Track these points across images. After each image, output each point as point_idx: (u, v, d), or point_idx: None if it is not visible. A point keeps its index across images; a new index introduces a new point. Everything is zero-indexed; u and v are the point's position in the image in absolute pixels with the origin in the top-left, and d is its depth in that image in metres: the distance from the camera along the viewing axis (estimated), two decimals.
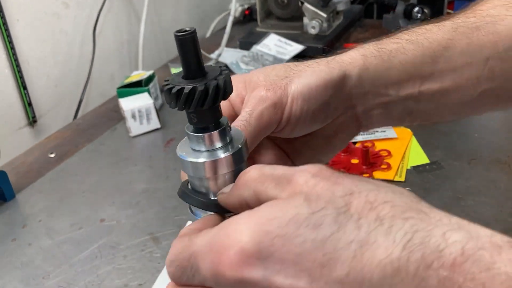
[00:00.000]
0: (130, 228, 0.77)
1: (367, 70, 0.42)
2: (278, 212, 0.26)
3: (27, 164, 0.99)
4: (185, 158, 0.36)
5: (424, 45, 0.43)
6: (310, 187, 0.27)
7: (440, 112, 0.46)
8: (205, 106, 0.33)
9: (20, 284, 0.68)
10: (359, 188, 0.27)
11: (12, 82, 1.11)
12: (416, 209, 0.26)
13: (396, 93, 0.43)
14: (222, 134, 0.35)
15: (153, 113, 1.05)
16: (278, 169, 0.30)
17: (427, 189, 0.78)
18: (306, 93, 0.40)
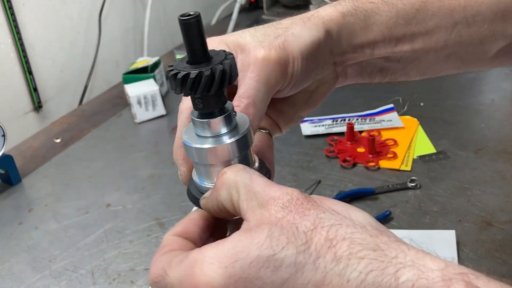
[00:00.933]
0: (136, 213, 0.77)
1: (346, 28, 0.42)
2: (242, 253, 0.28)
3: (33, 149, 0.99)
4: (190, 144, 0.35)
5: (398, 7, 0.43)
6: (277, 219, 0.29)
7: (407, 71, 0.47)
8: (211, 91, 0.33)
9: (27, 267, 0.69)
10: (322, 222, 0.28)
11: (17, 67, 1.11)
12: (373, 245, 0.27)
13: (371, 52, 0.44)
14: (227, 120, 0.35)
15: (158, 100, 1.04)
16: (255, 181, 0.31)
17: (433, 178, 0.78)
18: (304, 51, 0.40)
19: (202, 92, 0.33)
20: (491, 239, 0.65)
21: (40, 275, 0.67)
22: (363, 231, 0.28)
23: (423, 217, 0.70)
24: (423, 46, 0.44)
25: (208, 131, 0.35)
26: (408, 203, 0.73)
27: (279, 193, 0.30)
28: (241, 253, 0.28)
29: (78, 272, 0.67)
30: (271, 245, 0.28)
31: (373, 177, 0.80)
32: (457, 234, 0.66)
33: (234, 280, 0.28)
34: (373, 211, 0.72)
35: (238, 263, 0.28)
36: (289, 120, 0.46)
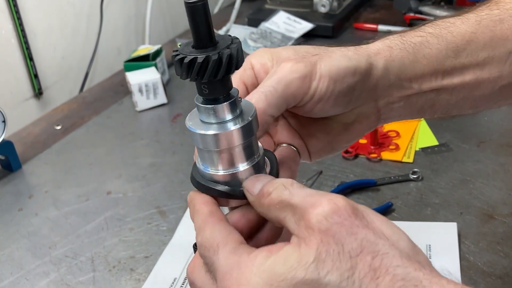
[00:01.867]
0: (137, 201, 0.77)
1: (393, 62, 0.42)
2: (288, 274, 0.28)
3: (34, 135, 0.98)
4: (195, 130, 0.35)
5: (448, 39, 0.43)
6: (322, 232, 0.28)
7: (460, 105, 0.45)
8: (219, 76, 0.32)
9: (27, 253, 0.69)
10: (369, 247, 0.28)
11: (18, 53, 1.10)
12: (415, 281, 0.27)
13: (419, 86, 0.43)
14: (232, 106, 0.34)
15: (160, 88, 1.04)
16: (296, 196, 0.31)
17: (435, 170, 0.77)
18: (334, 73, 0.40)
19: (209, 77, 0.32)
20: (492, 232, 0.65)
21: (40, 262, 0.67)
22: (408, 264, 0.28)
23: (425, 209, 0.70)
24: (475, 78, 0.43)
25: (213, 117, 0.34)
26: (410, 195, 0.73)
27: (319, 201, 0.30)
28: (288, 274, 0.28)
29: (78, 259, 0.67)
30: (316, 268, 0.28)
31: (375, 168, 0.79)
32: (459, 227, 0.65)
33: None
34: (375, 203, 0.72)
35: (283, 282, 0.28)
36: (321, 149, 0.45)
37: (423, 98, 0.44)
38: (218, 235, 0.33)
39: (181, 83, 1.17)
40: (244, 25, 1.35)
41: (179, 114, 1.02)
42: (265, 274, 0.29)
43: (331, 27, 1.28)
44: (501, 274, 0.59)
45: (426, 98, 0.44)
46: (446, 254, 0.61)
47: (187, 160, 0.87)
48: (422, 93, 0.44)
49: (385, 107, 0.44)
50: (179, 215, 0.73)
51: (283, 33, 1.27)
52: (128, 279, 0.63)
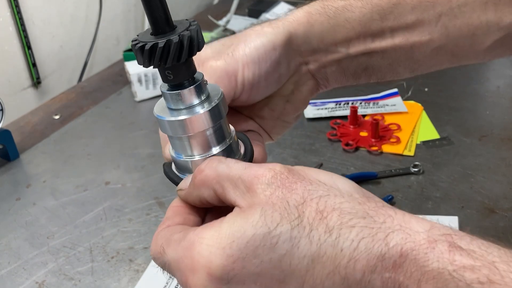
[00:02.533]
0: (136, 192, 0.77)
1: (312, 27, 0.42)
2: (238, 233, 0.28)
3: (32, 124, 0.98)
4: (163, 118, 0.34)
5: (373, 2, 0.42)
6: (267, 197, 0.29)
7: (395, 68, 0.45)
8: (182, 59, 0.32)
9: (25, 243, 0.68)
10: (310, 195, 0.29)
11: (16, 41, 1.09)
12: (362, 213, 0.28)
13: (346, 50, 0.43)
14: (198, 90, 0.34)
15: (159, 78, 1.03)
16: (234, 168, 0.31)
17: (436, 164, 0.77)
18: (255, 56, 0.40)
19: (172, 61, 0.31)
20: (493, 226, 0.65)
21: (37, 251, 0.67)
22: (351, 199, 0.29)
23: (426, 202, 0.70)
24: (405, 41, 0.43)
25: (181, 102, 0.34)
26: (411, 188, 0.72)
27: (261, 171, 0.30)
28: (237, 233, 0.28)
29: (76, 249, 0.66)
30: (265, 223, 0.28)
31: (376, 161, 0.79)
32: (460, 221, 0.65)
33: (233, 260, 0.28)
34: (375, 195, 0.71)
35: (235, 243, 0.28)
36: (274, 126, 0.45)
37: (355, 62, 0.44)
38: (160, 241, 0.33)
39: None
40: (245, 16, 1.34)
41: None
42: (214, 241, 0.29)
43: None
44: None
45: (358, 61, 0.44)
46: None
47: None
48: (353, 57, 0.43)
49: (318, 72, 0.44)
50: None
51: None
52: (127, 269, 0.63)
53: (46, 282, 0.62)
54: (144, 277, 0.61)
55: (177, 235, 0.32)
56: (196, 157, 0.35)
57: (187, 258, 0.30)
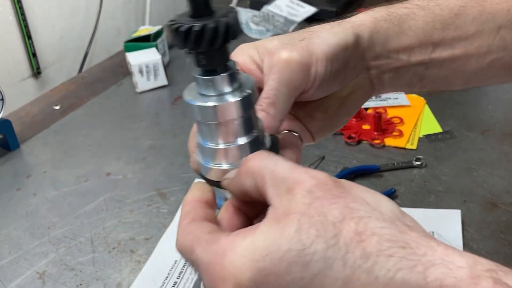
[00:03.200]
0: (137, 183, 0.76)
1: (378, 33, 0.42)
2: (272, 247, 0.27)
3: (32, 115, 0.97)
4: (194, 103, 0.34)
5: (435, 12, 0.42)
6: (305, 205, 0.28)
7: (450, 79, 0.45)
8: (216, 45, 0.31)
9: (26, 233, 0.68)
10: (351, 213, 0.27)
11: (16, 30, 1.08)
12: (403, 243, 0.26)
13: (408, 58, 0.43)
14: (231, 78, 0.34)
15: (160, 69, 1.02)
16: (280, 166, 0.31)
17: (439, 157, 0.77)
18: (329, 53, 0.40)
19: (206, 46, 0.31)
20: (496, 220, 0.64)
21: (38, 242, 0.66)
22: (392, 226, 0.27)
23: (428, 196, 0.69)
24: (464, 52, 0.43)
25: (212, 89, 0.34)
26: (413, 182, 0.72)
27: (305, 177, 0.29)
28: (272, 247, 0.27)
29: (77, 240, 0.66)
30: (300, 238, 0.27)
31: (378, 154, 0.79)
32: (462, 214, 0.65)
33: (265, 274, 0.27)
34: (378, 189, 0.71)
35: (268, 257, 0.27)
36: (322, 128, 0.45)
37: (412, 71, 0.44)
38: (189, 236, 0.32)
39: (182, 65, 1.15)
40: (247, 8, 1.33)
41: (180, 96, 1.01)
42: (248, 252, 0.28)
43: (334, 12, 1.26)
44: (504, 263, 0.58)
45: (415, 71, 0.44)
46: (450, 241, 0.61)
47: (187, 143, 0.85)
48: (411, 65, 0.43)
49: (377, 77, 0.44)
50: (180, 198, 0.72)
51: (285, 16, 1.25)
52: (128, 260, 0.62)
53: (47, 272, 0.61)
54: (146, 269, 0.60)
55: (208, 236, 0.31)
56: (221, 145, 0.35)
57: (218, 265, 0.29)
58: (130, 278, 0.60)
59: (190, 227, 0.33)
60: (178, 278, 0.59)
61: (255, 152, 0.34)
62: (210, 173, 0.37)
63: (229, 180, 0.34)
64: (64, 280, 0.60)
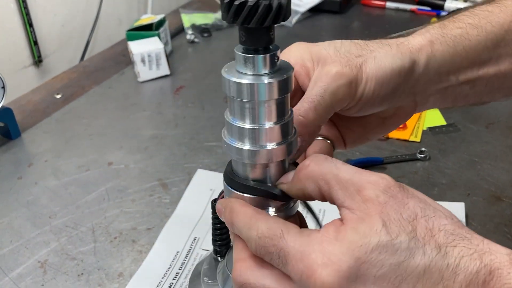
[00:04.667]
0: (139, 173, 0.76)
1: (435, 57, 0.42)
2: (364, 239, 0.31)
3: (33, 103, 0.96)
4: (229, 77, 0.34)
5: (487, 30, 0.43)
6: (381, 204, 0.31)
7: (493, 94, 0.46)
8: (266, 23, 0.32)
9: (27, 222, 0.67)
10: (421, 213, 0.32)
11: (17, 18, 1.07)
12: (461, 236, 0.31)
13: (456, 79, 0.44)
14: (271, 60, 0.34)
15: (163, 59, 1.01)
16: (342, 170, 0.33)
17: (443, 150, 0.76)
18: (381, 77, 0.40)
19: (256, 23, 0.31)
20: (500, 214, 0.64)
21: (39, 231, 0.66)
22: (452, 223, 0.32)
23: (432, 189, 0.69)
24: (510, 67, 0.43)
25: (250, 67, 0.34)
26: (417, 174, 0.72)
27: (374, 178, 0.32)
28: (364, 238, 0.31)
29: (78, 229, 0.66)
30: (387, 231, 0.31)
31: (382, 147, 0.78)
32: (466, 208, 0.64)
33: (360, 262, 0.30)
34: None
35: (363, 247, 0.30)
36: (356, 139, 0.47)
37: (459, 89, 0.45)
38: (276, 225, 0.34)
39: (184, 55, 1.14)
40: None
41: (182, 86, 1.00)
42: (344, 243, 0.31)
43: (338, 2, 1.25)
44: None
45: (462, 89, 0.45)
46: None
47: (190, 133, 0.85)
48: (458, 85, 0.44)
49: (422, 99, 0.45)
50: (182, 188, 0.72)
51: None
52: (130, 250, 0.62)
53: (49, 261, 0.61)
54: (148, 259, 0.60)
55: (296, 228, 0.33)
56: (248, 125, 0.35)
57: (316, 253, 0.31)
58: (132, 268, 0.59)
59: (273, 219, 0.34)
60: (180, 269, 0.59)
61: (313, 155, 0.35)
62: (233, 152, 0.36)
63: (289, 185, 0.36)
64: (65, 269, 0.60)
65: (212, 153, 0.79)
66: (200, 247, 0.61)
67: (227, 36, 1.22)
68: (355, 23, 1.29)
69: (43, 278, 0.59)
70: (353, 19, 1.31)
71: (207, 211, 0.67)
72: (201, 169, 0.75)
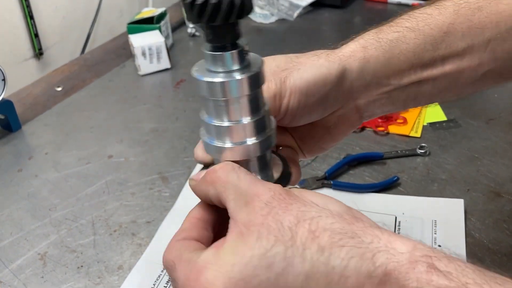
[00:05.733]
0: (139, 166, 0.76)
1: (368, 62, 0.42)
2: (237, 256, 0.30)
3: (34, 96, 0.96)
4: (201, 78, 0.34)
5: (426, 32, 0.42)
6: (263, 216, 0.31)
7: (443, 94, 0.45)
8: (231, 19, 0.31)
9: (27, 214, 0.68)
10: (304, 216, 0.30)
11: (18, 10, 1.07)
12: (351, 233, 0.30)
13: (398, 82, 0.43)
14: (240, 55, 0.34)
15: (163, 52, 1.01)
16: (242, 180, 0.33)
17: (443, 146, 0.76)
18: (304, 88, 0.41)
19: (221, 20, 0.31)
20: (499, 210, 0.64)
21: (39, 223, 0.66)
22: (341, 220, 0.30)
23: (431, 184, 0.69)
24: (456, 68, 0.43)
25: (220, 65, 0.34)
26: (417, 170, 0.72)
27: (262, 190, 0.32)
28: (237, 256, 0.30)
29: (78, 222, 0.66)
30: (262, 245, 0.30)
31: (382, 142, 0.78)
32: (465, 203, 0.64)
33: (234, 282, 0.30)
34: (381, 176, 0.71)
35: (236, 266, 0.30)
36: (310, 150, 0.47)
37: (405, 92, 0.44)
38: (174, 252, 0.34)
39: (185, 49, 1.14)
40: None
41: (183, 80, 1.00)
42: (218, 266, 0.30)
43: None
44: (507, 252, 0.58)
45: (408, 91, 0.44)
46: (452, 230, 0.60)
47: (190, 126, 0.85)
48: (403, 87, 0.44)
49: (366, 105, 0.45)
50: (182, 182, 0.72)
51: (290, 0, 1.23)
52: (130, 243, 0.62)
53: (48, 253, 0.61)
54: (147, 252, 0.60)
55: (189, 254, 0.33)
56: (226, 123, 0.35)
57: (193, 282, 0.31)
58: (131, 261, 0.60)
59: (178, 244, 0.35)
60: None
61: (223, 163, 0.35)
62: (213, 151, 0.37)
63: (195, 183, 0.36)
64: (65, 261, 0.60)
65: None
66: None
67: None
68: (356, 18, 1.29)
69: (43, 270, 0.59)
70: (355, 13, 1.30)
71: None
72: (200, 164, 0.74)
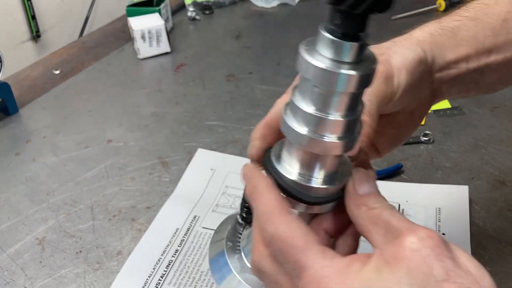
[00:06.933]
0: (139, 151, 0.75)
1: (437, 46, 0.44)
2: (382, 282, 0.29)
3: (31, 78, 0.95)
4: (309, 58, 0.31)
5: (484, 21, 0.45)
6: (414, 252, 0.29)
7: (504, 80, 0.47)
8: (373, 11, 0.28)
9: (25, 198, 0.67)
10: (455, 278, 0.28)
11: None
12: None
13: (466, 66, 0.45)
14: (359, 50, 0.30)
15: (163, 36, 1.00)
16: (394, 217, 0.32)
17: (447, 133, 0.75)
18: (408, 65, 0.42)
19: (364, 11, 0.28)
20: (503, 198, 0.63)
21: (37, 208, 0.65)
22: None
23: (435, 172, 0.68)
24: None
25: (334, 53, 0.30)
26: (420, 157, 0.71)
27: (416, 226, 0.30)
28: (382, 282, 0.29)
29: (77, 207, 0.65)
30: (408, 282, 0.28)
31: None
32: (469, 192, 0.64)
33: None
34: (384, 163, 0.70)
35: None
36: (390, 143, 0.46)
37: (470, 77, 0.45)
38: (298, 233, 0.32)
39: (185, 32, 1.12)
40: None
41: (183, 64, 0.98)
42: (363, 281, 0.29)
43: None
44: (511, 241, 0.58)
45: (472, 77, 0.45)
46: (456, 218, 0.60)
47: (191, 111, 0.84)
48: (468, 72, 0.45)
49: (439, 88, 0.46)
50: (182, 167, 0.71)
51: None
52: (129, 228, 0.61)
53: (47, 238, 0.61)
54: (146, 236, 0.59)
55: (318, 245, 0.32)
56: (318, 113, 0.32)
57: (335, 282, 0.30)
58: (131, 246, 0.59)
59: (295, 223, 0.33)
60: (179, 246, 0.58)
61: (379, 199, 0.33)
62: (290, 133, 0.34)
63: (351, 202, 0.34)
64: (63, 246, 0.59)
65: (213, 132, 0.78)
66: (200, 225, 0.61)
67: (229, 14, 1.20)
68: None
69: (41, 255, 0.58)
70: None
71: (207, 190, 0.66)
72: (201, 149, 0.74)
